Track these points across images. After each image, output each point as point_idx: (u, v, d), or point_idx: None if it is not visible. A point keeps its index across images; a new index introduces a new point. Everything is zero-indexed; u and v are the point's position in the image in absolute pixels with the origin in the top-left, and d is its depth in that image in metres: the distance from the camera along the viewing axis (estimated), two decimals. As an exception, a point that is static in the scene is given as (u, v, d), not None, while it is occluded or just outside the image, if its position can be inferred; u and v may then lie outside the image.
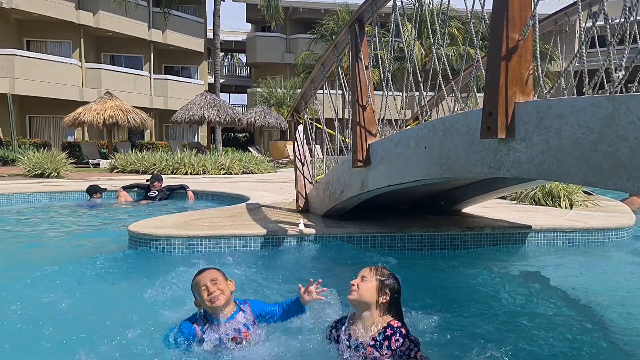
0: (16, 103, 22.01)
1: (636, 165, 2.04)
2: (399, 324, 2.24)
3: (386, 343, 2.16)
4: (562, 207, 6.55)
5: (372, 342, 2.18)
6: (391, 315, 2.30)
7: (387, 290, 2.32)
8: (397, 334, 2.18)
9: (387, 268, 2.43)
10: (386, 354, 2.12)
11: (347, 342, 2.26)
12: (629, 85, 2.61)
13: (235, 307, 2.55)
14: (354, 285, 2.30)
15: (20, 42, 24.65)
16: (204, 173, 14.41)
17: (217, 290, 2.46)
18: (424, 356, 2.17)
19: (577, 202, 6.71)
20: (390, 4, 4.05)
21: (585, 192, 7.20)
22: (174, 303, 3.09)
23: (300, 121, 6.47)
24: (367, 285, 2.29)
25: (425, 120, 3.77)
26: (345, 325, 2.33)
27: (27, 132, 24.43)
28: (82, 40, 25.48)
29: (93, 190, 8.97)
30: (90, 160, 19.28)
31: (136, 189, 9.45)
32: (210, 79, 30.07)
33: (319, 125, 6.10)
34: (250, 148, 24.79)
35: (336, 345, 2.32)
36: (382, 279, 2.35)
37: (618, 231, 5.28)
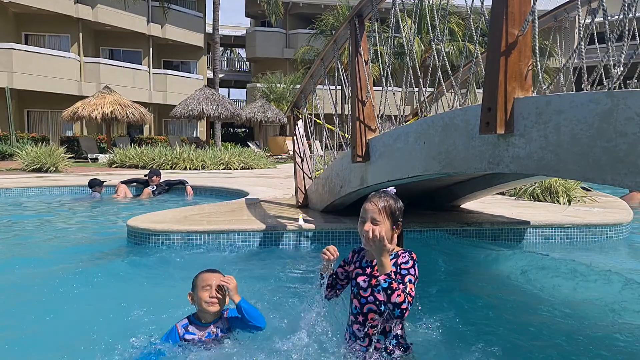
0: (14, 97, 21.96)
1: (634, 161, 2.05)
2: (410, 250, 2.19)
3: (394, 260, 2.12)
4: (560, 203, 6.57)
5: None
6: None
7: (399, 222, 2.20)
8: (406, 253, 2.14)
9: (388, 193, 2.23)
10: (391, 269, 2.05)
11: (358, 264, 2.26)
12: (627, 81, 2.62)
13: (220, 314, 2.57)
14: (367, 231, 2.08)
15: (18, 36, 24.56)
16: (203, 168, 14.40)
17: (218, 297, 2.48)
18: (414, 290, 2.07)
19: (575, 198, 6.73)
20: (390, -1, 4.04)
21: (584, 188, 7.22)
22: (172, 298, 3.10)
23: (300, 116, 6.47)
24: (381, 228, 2.09)
25: (425, 116, 3.77)
26: (362, 259, 2.29)
27: (26, 127, 24.39)
28: (80, 34, 25.40)
29: (95, 184, 8.97)
30: (88, 155, 19.27)
31: (135, 183, 9.46)
32: (210, 74, 30.02)
33: (318, 121, 6.10)
34: (249, 143, 24.74)
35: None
36: (394, 212, 2.18)
37: (616, 227, 5.30)
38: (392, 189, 2.26)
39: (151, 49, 28.39)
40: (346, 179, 4.88)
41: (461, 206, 6.06)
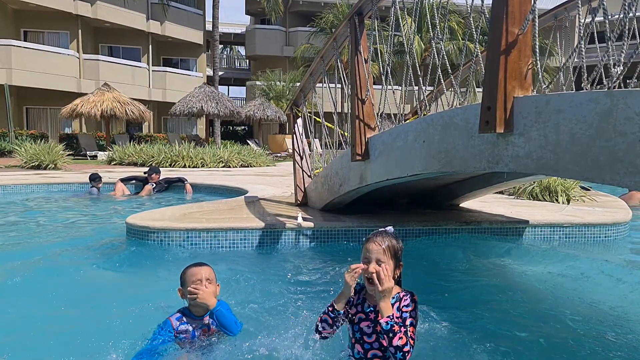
0: (13, 94, 21.92)
1: (633, 161, 2.05)
2: (412, 292, 2.16)
3: (397, 304, 2.10)
4: (559, 202, 6.57)
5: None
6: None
7: (401, 262, 2.18)
8: (408, 295, 2.12)
9: (388, 233, 2.18)
10: (394, 314, 2.04)
11: (360, 308, 2.18)
12: (627, 81, 2.62)
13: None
14: (373, 272, 2.05)
15: (17, 33, 24.50)
16: (203, 166, 14.40)
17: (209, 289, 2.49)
18: (415, 334, 2.06)
19: (574, 198, 6.74)
20: (390, -3, 4.04)
21: (583, 188, 7.22)
22: (171, 295, 3.09)
23: (299, 115, 6.47)
24: (386, 269, 2.06)
25: (425, 115, 3.77)
26: (363, 302, 2.20)
27: (25, 124, 24.36)
28: (79, 31, 25.34)
29: (94, 178, 8.96)
30: (87, 152, 19.26)
31: (134, 181, 9.45)
32: (209, 72, 29.98)
33: (318, 119, 6.10)
34: (249, 141, 24.72)
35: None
36: (397, 252, 2.14)
37: (615, 226, 5.31)
38: (390, 228, 2.22)
39: (150, 46, 28.35)
40: (345, 177, 4.88)
41: (460, 205, 6.07)
